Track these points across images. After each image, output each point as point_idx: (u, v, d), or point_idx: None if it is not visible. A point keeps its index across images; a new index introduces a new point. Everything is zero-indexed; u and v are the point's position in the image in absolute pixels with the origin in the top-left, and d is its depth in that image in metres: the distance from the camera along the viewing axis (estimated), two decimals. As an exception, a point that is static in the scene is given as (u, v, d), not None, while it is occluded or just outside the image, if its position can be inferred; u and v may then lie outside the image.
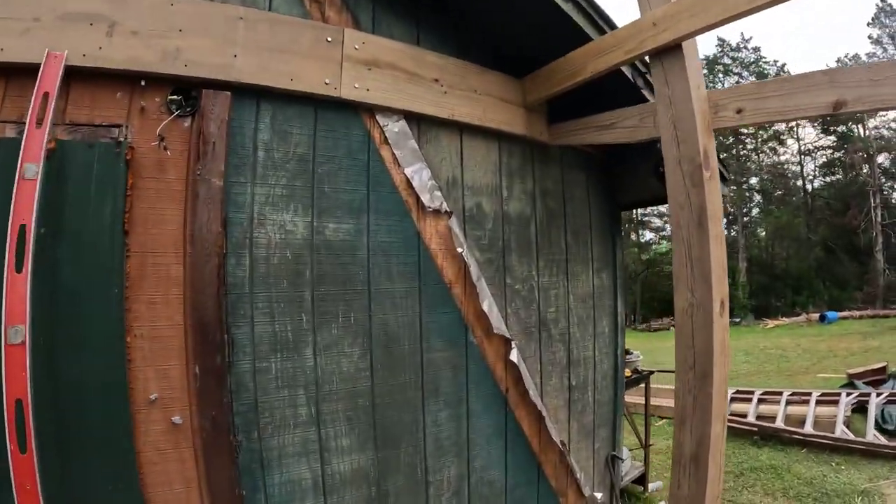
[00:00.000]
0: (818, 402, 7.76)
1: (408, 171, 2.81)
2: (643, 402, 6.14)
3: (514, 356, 3.18)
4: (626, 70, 3.40)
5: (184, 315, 2.19)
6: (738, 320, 28.82)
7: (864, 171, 36.68)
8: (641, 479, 5.60)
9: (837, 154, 40.02)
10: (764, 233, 42.27)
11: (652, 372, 6.10)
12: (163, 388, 2.14)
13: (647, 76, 3.55)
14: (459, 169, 3.10)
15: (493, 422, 3.15)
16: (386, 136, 2.76)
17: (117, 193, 2.10)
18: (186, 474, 2.15)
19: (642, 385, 5.96)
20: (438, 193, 2.92)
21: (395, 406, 2.73)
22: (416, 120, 2.89)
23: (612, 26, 3.10)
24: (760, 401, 8.33)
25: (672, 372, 7.32)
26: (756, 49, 44.38)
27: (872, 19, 41.49)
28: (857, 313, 26.67)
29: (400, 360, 2.76)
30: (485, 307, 3.06)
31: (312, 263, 2.49)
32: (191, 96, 2.27)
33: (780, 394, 8.28)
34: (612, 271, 4.26)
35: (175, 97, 2.24)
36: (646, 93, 3.51)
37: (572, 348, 3.74)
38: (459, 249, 2.96)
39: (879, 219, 34.41)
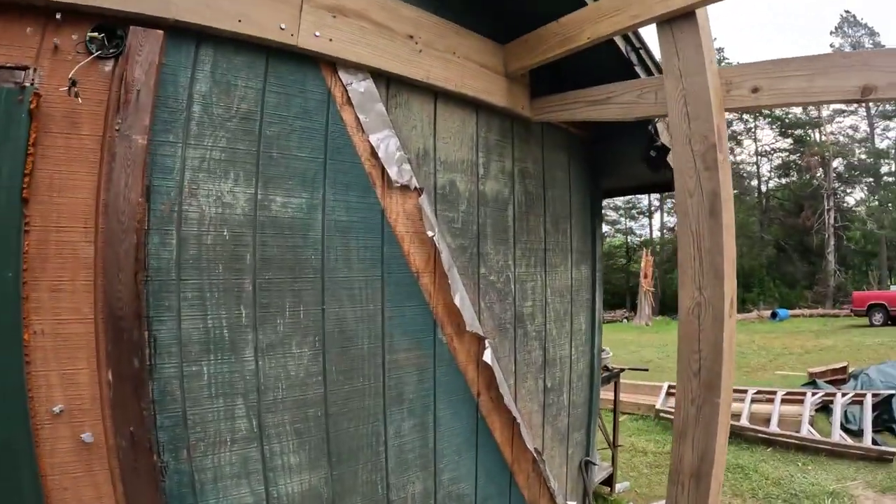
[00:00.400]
0: (783, 401, 7.94)
1: (373, 138, 2.51)
2: (610, 398, 6.07)
3: (487, 357, 2.96)
4: (619, 42, 3.22)
5: (94, 306, 1.83)
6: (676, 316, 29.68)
7: (819, 174, 39.34)
8: (608, 480, 5.54)
9: (793, 157, 42.46)
10: None
11: (622, 370, 6.07)
12: (70, 397, 1.78)
13: (641, 52, 3.40)
14: (432, 140, 2.82)
15: (463, 430, 2.92)
16: (349, 97, 2.44)
17: (16, 151, 1.70)
18: (103, 502, 1.82)
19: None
20: (407, 167, 2.64)
21: (353, 416, 2.44)
22: (384, 80, 2.60)
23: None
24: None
25: (641, 370, 7.46)
26: (720, 50, 45.70)
27: (836, 28, 43.97)
28: (808, 312, 28.71)
29: (358, 361, 2.48)
30: (457, 301, 2.82)
31: (255, 245, 2.17)
32: (116, 35, 1.90)
33: (745, 392, 8.45)
34: (592, 264, 4.15)
35: (96, 35, 1.85)
36: (639, 70, 3.35)
37: (548, 347, 3.57)
38: (430, 233, 2.69)
39: (832, 221, 36.84)
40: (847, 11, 42.48)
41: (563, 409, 3.75)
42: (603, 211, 4.69)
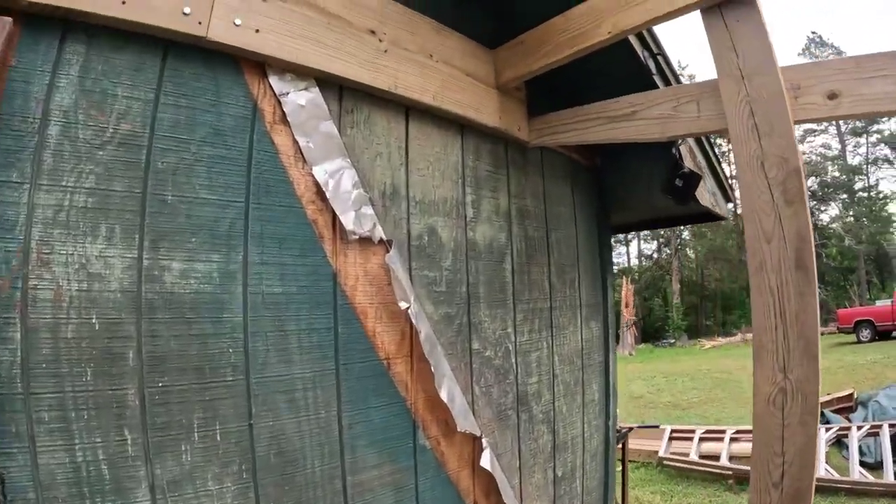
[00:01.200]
0: None
1: (319, 171, 1.95)
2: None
3: (485, 460, 2.40)
4: (635, 44, 2.81)
5: None
6: (672, 342, 32.91)
7: None
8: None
9: None
10: (694, 254, 47.67)
11: (631, 428, 5.99)
12: None
13: (660, 58, 3.01)
14: (403, 172, 2.28)
15: (454, 564, 2.32)
16: (284, 112, 1.89)
17: None
18: None
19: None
20: (369, 211, 2.08)
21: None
22: (336, 89, 2.07)
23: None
24: (733, 440, 8.60)
25: (651, 426, 7.22)
26: (691, 77, 47.48)
27: (803, 50, 47.90)
28: None
29: (307, 492, 1.85)
30: (443, 393, 2.24)
31: (140, 336, 1.55)
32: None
33: (751, 431, 8.21)
34: (604, 317, 3.76)
35: None
36: (658, 80, 2.95)
37: (558, 428, 3.09)
38: (403, 304, 2.12)
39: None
40: (813, 32, 46.27)
41: (575, 498, 3.28)
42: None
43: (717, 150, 4.07)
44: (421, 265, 2.31)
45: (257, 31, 1.78)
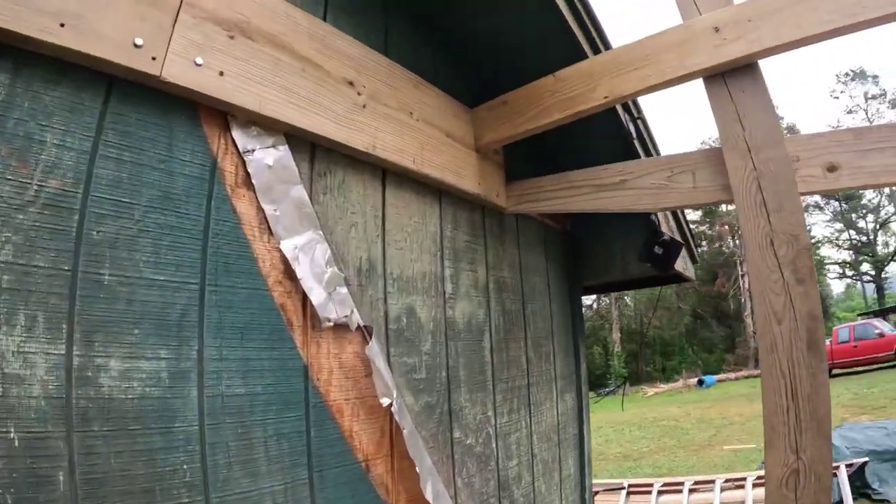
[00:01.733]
0: (755, 486, 7.88)
1: (287, 245, 1.71)
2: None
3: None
4: (619, 111, 2.79)
5: None
6: (610, 389, 34.40)
7: (731, 242, 47.06)
8: None
9: (703, 227, 49.63)
10: (633, 302, 49.79)
11: (596, 493, 6.00)
12: None
13: (640, 123, 3.02)
14: (380, 245, 2.07)
15: None
16: (248, 173, 1.65)
17: None
18: None
19: None
20: (344, 291, 1.86)
21: None
22: (308, 148, 1.87)
23: (608, 47, 2.50)
24: (692, 491, 8.60)
25: (616, 488, 7.16)
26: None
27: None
28: (733, 375, 32.82)
29: None
30: (428, 493, 2.01)
31: (72, 453, 1.23)
32: None
33: (713, 482, 8.54)
34: (577, 388, 3.77)
35: None
36: (637, 146, 2.96)
37: None
38: (385, 400, 1.87)
39: (747, 286, 43.57)
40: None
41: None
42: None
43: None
44: (400, 351, 2.08)
45: (221, 73, 1.56)
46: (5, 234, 1.21)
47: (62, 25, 1.26)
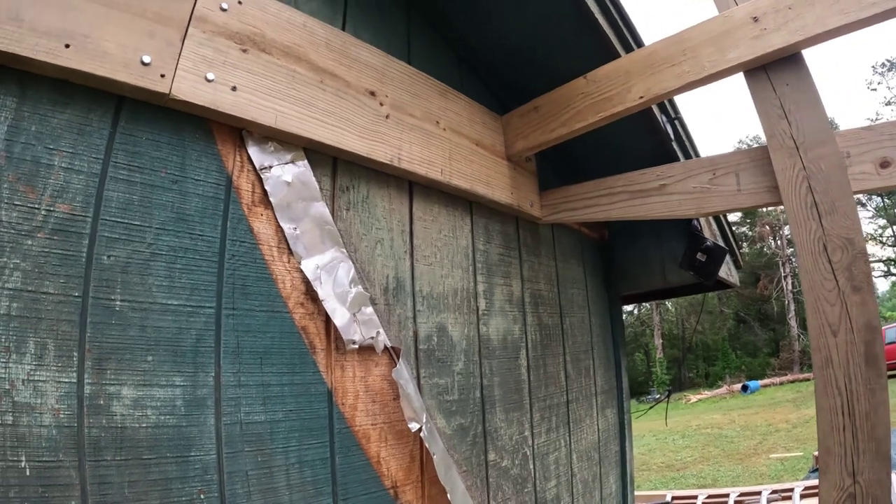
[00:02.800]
0: (803, 496, 7.59)
1: (308, 265, 1.67)
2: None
3: None
4: (656, 112, 2.69)
5: None
6: (658, 397, 33.43)
7: (772, 243, 46.45)
8: None
9: (743, 228, 48.87)
10: (674, 307, 48.73)
11: None
12: None
13: (677, 123, 2.90)
14: (408, 261, 2.01)
15: None
16: (266, 191, 1.61)
17: None
18: None
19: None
20: (370, 311, 1.80)
21: None
22: (329, 163, 1.82)
23: (640, 44, 2.41)
24: (737, 503, 8.32)
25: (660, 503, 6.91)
26: None
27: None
28: (778, 380, 31.80)
29: None
30: (461, 524, 1.92)
31: (85, 483, 1.19)
32: None
33: (759, 493, 8.22)
34: (619, 403, 3.63)
35: None
36: (675, 147, 2.83)
37: None
38: (414, 425, 1.81)
39: (790, 287, 43.12)
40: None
41: None
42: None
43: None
44: (431, 372, 2.01)
45: (234, 88, 1.53)
46: (14, 261, 1.19)
47: (67, 46, 1.24)
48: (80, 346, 1.25)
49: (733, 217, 47.17)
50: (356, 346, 1.73)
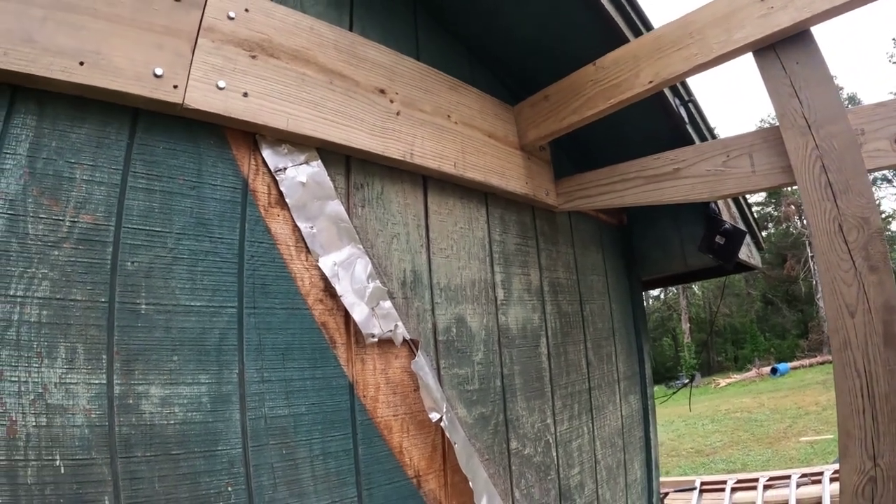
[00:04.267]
0: (832, 480, 7.44)
1: (326, 262, 1.71)
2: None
3: None
4: (668, 95, 2.67)
5: None
6: (686, 381, 32.81)
7: (798, 223, 45.32)
8: None
9: (768, 209, 48.27)
10: (701, 291, 47.98)
11: (666, 494, 6.07)
12: None
13: (691, 105, 2.87)
14: (424, 254, 2.04)
15: None
16: (281, 192, 1.65)
17: None
18: None
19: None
20: (388, 305, 1.83)
21: None
22: (343, 161, 1.85)
23: (649, 28, 2.39)
24: (766, 487, 8.26)
25: (687, 489, 6.87)
26: None
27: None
28: (808, 362, 31.37)
29: None
30: (483, 509, 1.96)
31: (117, 479, 1.26)
32: None
33: (788, 477, 8.14)
34: (642, 388, 3.59)
35: None
36: (690, 130, 2.81)
37: None
38: (435, 415, 1.84)
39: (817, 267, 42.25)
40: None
41: None
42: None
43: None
44: (450, 363, 2.03)
45: (245, 94, 1.56)
46: (42, 271, 1.25)
47: (81, 63, 1.29)
48: (108, 349, 1.30)
49: (758, 197, 46.58)
50: (375, 340, 1.76)
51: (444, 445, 1.94)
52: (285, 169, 1.68)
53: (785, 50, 1.93)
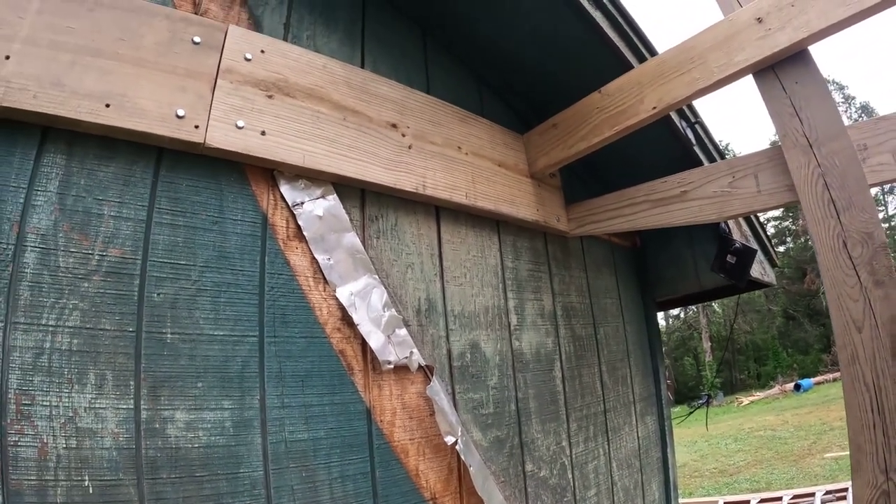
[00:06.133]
0: None
1: (343, 292, 1.75)
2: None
3: None
4: (675, 118, 2.70)
5: None
6: (701, 403, 32.11)
7: None
8: None
9: (786, 223, 47.63)
10: (721, 308, 46.73)
11: None
12: None
13: (698, 127, 2.91)
14: (438, 283, 2.08)
15: None
16: (299, 226, 1.71)
17: None
18: None
19: None
20: (404, 333, 1.87)
21: None
22: (357, 195, 1.92)
23: (653, 53, 2.43)
24: None
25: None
26: None
27: None
28: (831, 376, 29.72)
29: None
30: (500, 536, 1.96)
31: (143, 499, 1.30)
32: None
33: (812, 495, 8.10)
34: (658, 409, 3.54)
35: None
36: (698, 151, 2.84)
37: None
38: (450, 439, 1.87)
39: None
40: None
41: None
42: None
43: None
44: (465, 387, 2.06)
45: (263, 133, 1.64)
46: (73, 302, 1.31)
47: (107, 106, 1.37)
48: (135, 376, 1.36)
49: (775, 212, 45.76)
50: (392, 366, 1.80)
51: (460, 468, 1.95)
52: (302, 203, 1.74)
53: (784, 70, 1.95)
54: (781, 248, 47.03)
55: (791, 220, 46.80)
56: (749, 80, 2.05)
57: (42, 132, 1.35)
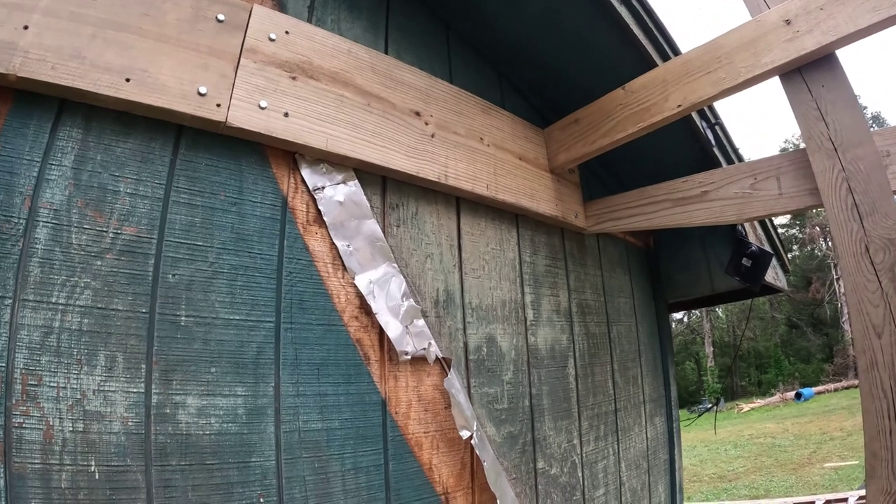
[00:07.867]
0: None
1: (362, 280, 1.66)
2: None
3: None
4: (696, 118, 2.60)
5: None
6: (710, 406, 32.01)
7: (823, 245, 43.97)
8: None
9: (793, 231, 46.61)
10: (724, 314, 46.53)
11: None
12: None
13: (718, 128, 2.80)
14: (457, 275, 1.98)
15: None
16: (319, 210, 1.62)
17: None
18: None
19: None
20: (422, 324, 1.78)
21: None
22: (379, 182, 1.82)
23: (676, 52, 2.33)
24: None
25: None
26: None
27: None
28: (832, 386, 30.04)
29: None
30: (513, 535, 1.86)
31: (150, 486, 1.20)
32: None
33: (812, 503, 8.00)
34: (667, 411, 3.43)
35: None
36: (717, 153, 2.74)
37: None
38: (465, 433, 1.77)
39: (843, 290, 41.75)
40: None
41: None
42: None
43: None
44: (481, 381, 1.96)
45: (286, 114, 1.54)
46: (84, 280, 1.22)
47: (128, 80, 1.28)
48: (147, 359, 1.26)
49: (782, 219, 45.35)
50: (409, 357, 1.70)
51: (473, 463, 1.86)
52: (323, 188, 1.65)
53: (811, 73, 1.86)
54: (788, 256, 46.84)
55: (798, 227, 46.22)
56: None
57: (59, 105, 1.26)
